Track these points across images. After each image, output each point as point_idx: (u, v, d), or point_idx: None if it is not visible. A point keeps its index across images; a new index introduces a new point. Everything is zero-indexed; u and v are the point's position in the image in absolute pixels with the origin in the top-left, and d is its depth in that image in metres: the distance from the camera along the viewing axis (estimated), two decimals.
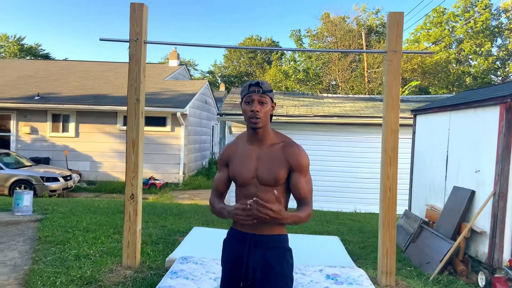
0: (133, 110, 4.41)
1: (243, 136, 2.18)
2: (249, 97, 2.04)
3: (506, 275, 4.10)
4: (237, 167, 2.10)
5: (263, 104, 2.04)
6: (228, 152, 2.18)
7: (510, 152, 4.39)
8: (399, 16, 4.21)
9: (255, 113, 2.00)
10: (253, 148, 2.10)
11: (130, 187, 4.41)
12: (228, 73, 46.53)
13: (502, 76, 32.85)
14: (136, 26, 4.33)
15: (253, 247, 2.04)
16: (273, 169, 2.03)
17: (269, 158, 2.06)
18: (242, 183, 2.08)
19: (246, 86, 2.08)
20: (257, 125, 2.02)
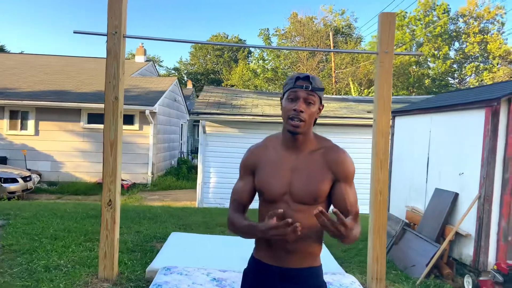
0: (111, 109, 4.09)
1: (274, 139, 1.79)
2: (294, 92, 1.64)
3: (493, 278, 4.11)
4: (266, 178, 1.69)
5: (310, 105, 1.64)
6: (255, 157, 1.77)
7: (496, 155, 4.42)
8: (390, 17, 4.13)
9: (299, 113, 1.61)
10: (288, 155, 1.70)
11: (108, 192, 4.08)
12: (194, 70, 45.89)
13: (458, 79, 34.23)
14: (115, 19, 4.01)
15: (282, 284, 1.69)
16: (312, 184, 1.65)
17: (308, 169, 1.67)
18: (270, 198, 1.68)
19: (293, 79, 1.66)
20: (298, 129, 1.63)
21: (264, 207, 1.71)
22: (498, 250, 4.41)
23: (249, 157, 1.80)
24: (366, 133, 9.41)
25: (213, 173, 9.86)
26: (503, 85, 5.20)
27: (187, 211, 7.93)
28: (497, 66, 30.69)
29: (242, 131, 9.83)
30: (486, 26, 32.51)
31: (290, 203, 1.65)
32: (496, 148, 4.41)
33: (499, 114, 4.38)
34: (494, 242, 4.43)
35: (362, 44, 29.20)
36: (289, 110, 1.64)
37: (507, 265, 4.00)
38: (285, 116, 1.67)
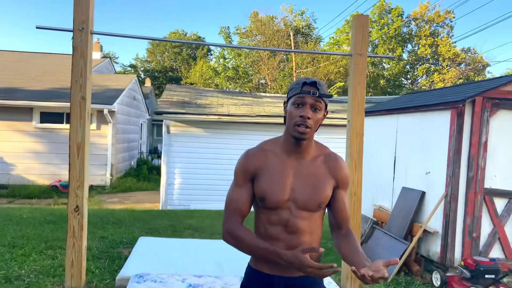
0: (78, 110, 3.86)
1: (273, 144, 1.72)
2: (301, 98, 1.60)
3: (460, 274, 4.27)
4: (268, 184, 1.63)
5: (316, 111, 1.61)
6: (256, 162, 1.68)
7: (461, 155, 4.59)
8: (364, 20, 4.18)
9: (305, 120, 1.58)
10: (289, 161, 1.66)
11: (75, 198, 3.85)
12: (151, 68, 44.84)
13: (411, 79, 35.71)
14: (82, 14, 3.78)
15: None
16: (316, 190, 1.63)
17: (311, 175, 1.65)
18: (272, 205, 1.63)
19: (299, 84, 1.62)
20: (304, 135, 1.60)
21: (265, 214, 1.66)
22: (463, 246, 4.59)
23: (248, 161, 1.70)
24: (332, 133, 9.56)
25: (178, 174, 9.65)
26: (467, 87, 5.42)
27: (152, 214, 7.70)
28: (446, 68, 32.29)
29: (208, 131, 9.68)
30: (437, 30, 34.13)
31: (292, 209, 1.63)
32: (461, 148, 4.59)
33: (464, 115, 4.56)
34: (460, 238, 4.61)
35: (321, 44, 29.75)
36: (296, 116, 1.60)
37: (473, 261, 4.16)
38: (290, 121, 1.62)
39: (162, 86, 42.88)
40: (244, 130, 9.69)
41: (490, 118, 4.58)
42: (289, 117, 1.64)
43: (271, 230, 1.64)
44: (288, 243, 1.61)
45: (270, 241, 1.61)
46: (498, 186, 4.64)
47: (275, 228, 1.63)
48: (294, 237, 1.63)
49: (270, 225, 1.64)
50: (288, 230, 1.62)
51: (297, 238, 1.63)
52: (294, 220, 1.62)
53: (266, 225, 1.65)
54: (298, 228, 1.62)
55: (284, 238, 1.62)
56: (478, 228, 4.60)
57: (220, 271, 4.30)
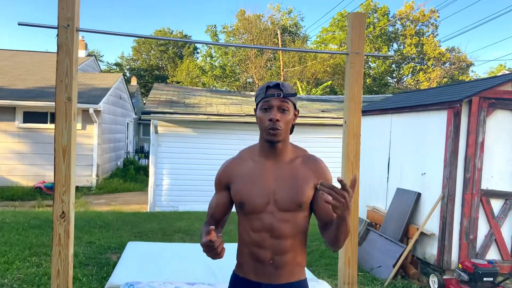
0: (63, 111, 3.64)
1: (250, 151, 1.76)
2: (267, 102, 1.62)
3: (458, 277, 4.21)
4: (246, 190, 1.64)
5: (285, 112, 1.62)
6: (230, 171, 1.72)
7: (457, 156, 4.53)
8: (360, 17, 4.05)
9: (275, 123, 1.60)
10: (267, 165, 1.67)
11: (60, 203, 3.63)
12: (137, 66, 44.29)
13: (397, 78, 35.98)
14: (67, 10, 3.56)
15: None
16: (296, 191, 1.62)
17: (290, 177, 1.64)
18: (253, 210, 1.62)
19: (263, 89, 1.65)
20: (276, 137, 1.61)
21: (247, 220, 1.66)
22: (460, 248, 4.53)
23: (222, 172, 1.76)
24: (322, 132, 9.50)
25: (166, 174, 9.45)
26: (461, 87, 5.37)
27: (140, 216, 7.50)
28: (431, 67, 32.61)
29: (197, 131, 9.50)
30: (422, 29, 34.45)
31: (275, 212, 1.62)
32: (458, 149, 4.52)
33: (461, 115, 4.49)
34: (457, 241, 4.55)
35: (308, 43, 29.72)
36: (265, 120, 1.62)
37: (472, 264, 4.10)
38: (261, 126, 1.65)
39: (148, 84, 42.40)
40: (233, 130, 9.53)
41: (486, 118, 4.53)
42: (259, 122, 1.66)
43: (256, 237, 1.62)
44: (274, 249, 1.61)
45: (255, 248, 1.62)
46: (495, 187, 4.59)
47: (260, 234, 1.62)
48: (279, 242, 1.61)
49: (254, 232, 1.63)
50: (273, 235, 1.61)
51: (281, 242, 1.61)
52: (278, 224, 1.60)
53: (250, 233, 1.64)
54: (283, 232, 1.60)
55: (270, 244, 1.61)
56: (475, 229, 4.55)
57: (213, 277, 4.16)
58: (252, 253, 1.64)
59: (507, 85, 4.57)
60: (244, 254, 1.68)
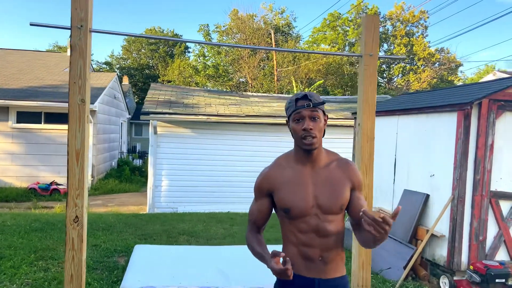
0: (76, 114, 3.57)
1: (286, 158, 1.86)
2: (298, 114, 1.74)
3: (470, 278, 4.23)
4: (290, 196, 1.75)
5: (316, 120, 1.74)
6: (269, 179, 1.82)
7: (467, 157, 4.56)
8: (375, 20, 4.05)
9: (309, 132, 1.71)
10: (305, 171, 1.79)
11: (74, 207, 3.56)
12: (127, 65, 43.90)
13: (387, 78, 36.27)
14: (80, 11, 3.49)
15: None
16: (337, 194, 1.76)
17: (329, 181, 1.77)
18: (299, 214, 1.75)
19: (293, 101, 1.78)
20: (313, 146, 1.73)
21: (293, 224, 1.77)
22: (470, 250, 4.56)
23: (263, 179, 1.84)
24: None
25: (165, 175, 9.36)
26: (469, 88, 5.40)
27: (142, 218, 7.41)
28: (421, 68, 32.92)
29: (196, 131, 9.43)
30: (412, 29, 34.76)
31: (319, 215, 1.74)
32: (468, 151, 4.55)
33: (471, 117, 4.52)
34: (467, 242, 4.58)
35: (301, 43, 29.76)
36: (299, 130, 1.74)
37: (483, 265, 4.13)
38: (296, 136, 1.76)
39: (139, 84, 42.07)
40: (233, 131, 9.49)
41: (496, 120, 4.57)
42: (294, 132, 1.77)
43: (303, 237, 1.75)
44: (322, 247, 1.75)
45: (304, 248, 1.76)
46: (504, 188, 4.63)
47: (307, 235, 1.75)
48: (325, 240, 1.75)
49: (301, 233, 1.75)
50: (320, 234, 1.74)
51: (328, 241, 1.75)
52: (323, 225, 1.74)
53: (297, 234, 1.76)
54: (328, 231, 1.74)
55: (318, 243, 1.75)
56: (484, 231, 4.58)
57: (226, 280, 4.12)
58: (302, 252, 1.76)
59: None
60: (293, 254, 1.78)
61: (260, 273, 4.23)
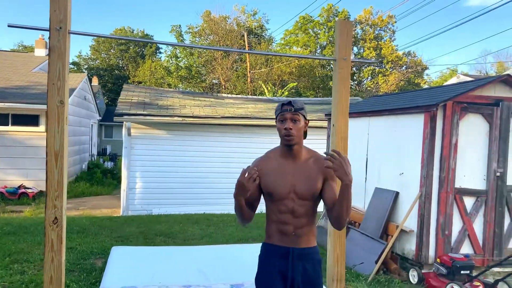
0: (55, 115, 3.57)
1: (274, 152, 2.26)
2: (282, 115, 2.15)
3: (437, 270, 4.48)
4: (273, 183, 2.16)
5: (296, 122, 2.13)
6: (260, 167, 2.20)
7: (434, 156, 4.82)
8: (348, 25, 4.24)
9: (289, 131, 2.11)
10: (287, 164, 2.18)
11: (53, 209, 3.56)
12: (96, 66, 42.98)
13: (357, 81, 37.07)
14: (59, 13, 3.50)
15: (296, 260, 2.14)
16: (310, 184, 2.13)
17: (305, 173, 2.14)
18: (278, 198, 2.15)
19: (279, 105, 2.19)
20: (291, 141, 2.12)
21: (275, 205, 2.17)
22: (437, 244, 4.82)
23: (255, 167, 2.20)
24: None
25: (140, 177, 9.30)
26: (435, 91, 5.68)
27: (117, 221, 7.36)
28: (389, 70, 33.88)
29: (171, 133, 9.42)
30: (380, 33, 35.70)
31: (295, 200, 2.13)
32: (434, 150, 4.81)
33: (437, 118, 4.78)
34: (434, 236, 4.84)
35: (273, 45, 30.03)
36: (282, 129, 2.14)
37: (449, 258, 4.38)
38: (280, 134, 2.16)
39: (108, 85, 41.27)
40: (208, 132, 9.54)
41: (459, 121, 4.85)
42: (278, 131, 2.17)
43: (282, 217, 2.15)
44: (295, 225, 2.14)
45: (281, 225, 2.16)
46: (467, 185, 4.92)
47: (285, 215, 2.14)
48: (298, 220, 2.14)
49: (280, 213, 2.15)
50: (294, 215, 2.14)
51: (300, 220, 2.14)
52: (297, 207, 2.13)
53: (277, 214, 2.16)
54: (301, 213, 2.13)
55: (292, 221, 2.14)
56: (450, 226, 4.86)
57: (206, 279, 4.20)
58: (280, 228, 2.17)
59: (477, 90, 4.91)
60: (273, 229, 2.20)
61: (239, 271, 4.34)
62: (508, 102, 4.95)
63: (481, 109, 4.93)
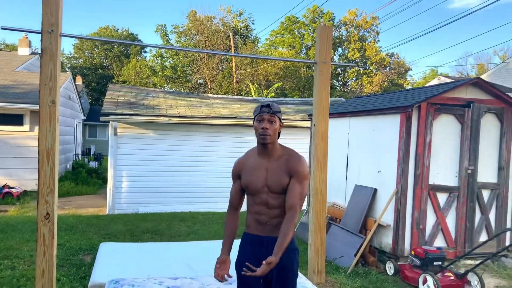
0: (47, 115, 3.73)
1: (253, 151, 2.48)
2: (260, 116, 2.35)
3: (411, 262, 4.74)
4: (248, 177, 2.39)
5: (272, 123, 2.35)
6: (239, 165, 2.47)
7: (409, 154, 5.09)
8: (328, 30, 4.48)
9: (265, 130, 2.32)
10: (263, 161, 2.40)
11: (45, 205, 3.72)
12: (79, 65, 42.51)
13: (342, 81, 37.53)
14: (51, 16, 3.66)
15: (270, 248, 2.26)
16: (280, 179, 2.34)
17: (277, 169, 2.36)
18: (254, 191, 2.38)
19: (258, 107, 2.40)
20: (266, 140, 2.33)
21: (251, 197, 2.41)
22: (412, 237, 5.09)
23: (235, 166, 2.50)
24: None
25: (126, 177, 9.40)
26: (412, 93, 5.96)
27: (104, 219, 7.46)
28: (374, 72, 34.42)
29: (157, 133, 9.54)
30: (364, 35, 36.22)
31: (268, 193, 2.36)
32: (410, 148, 5.08)
33: (412, 118, 5.05)
34: (409, 230, 5.10)
35: (259, 45, 30.24)
36: (259, 128, 2.34)
37: (423, 250, 4.65)
38: (256, 133, 2.36)
39: (92, 84, 40.89)
40: (194, 132, 9.69)
41: (433, 121, 5.13)
42: (255, 130, 2.38)
43: (257, 208, 2.38)
44: (269, 215, 2.36)
45: (257, 215, 2.38)
46: (440, 182, 5.20)
47: (260, 206, 2.37)
48: (272, 211, 2.36)
49: (255, 205, 2.39)
50: (268, 206, 2.36)
51: (274, 211, 2.36)
52: (270, 200, 2.35)
53: (254, 205, 2.39)
54: (274, 205, 2.35)
55: (266, 212, 2.37)
56: (424, 220, 5.13)
57: (192, 272, 4.37)
58: (256, 218, 2.40)
59: (450, 92, 5.20)
60: (251, 220, 2.43)
61: None
62: (478, 104, 5.25)
63: (453, 110, 5.21)
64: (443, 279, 4.41)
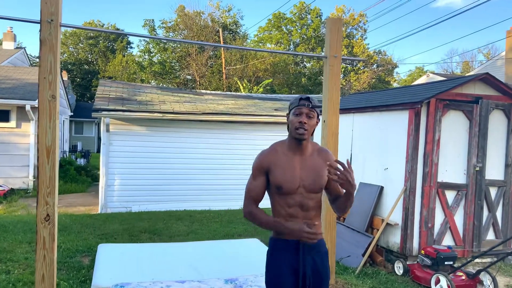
0: (47, 110, 3.50)
1: (281, 145, 2.26)
2: (299, 109, 2.15)
3: (421, 262, 4.64)
4: (282, 176, 2.16)
5: (311, 118, 2.16)
6: (267, 160, 2.21)
7: (418, 152, 4.98)
8: (338, 23, 4.32)
9: (303, 124, 2.12)
10: (295, 157, 2.20)
11: (45, 206, 3.49)
12: (64, 60, 41.64)
13: None
14: (50, 5, 3.42)
15: (306, 254, 2.15)
16: (318, 177, 2.18)
17: (312, 167, 2.19)
18: (288, 191, 2.16)
19: (297, 99, 2.19)
20: (303, 136, 2.13)
21: (282, 199, 2.17)
22: (420, 236, 4.99)
23: (262, 160, 2.23)
24: (275, 130, 9.75)
25: (118, 174, 9.13)
26: (417, 89, 5.86)
27: (98, 218, 7.21)
28: (362, 69, 34.53)
29: (150, 129, 9.28)
30: (352, 32, 36.31)
31: (304, 193, 2.16)
32: (418, 145, 4.97)
33: (420, 115, 4.94)
34: (417, 229, 5.01)
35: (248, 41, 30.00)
36: (296, 122, 2.14)
37: (434, 249, 4.55)
38: (292, 127, 2.17)
39: (77, 79, 40.12)
40: (188, 128, 9.46)
41: (442, 118, 5.03)
42: (291, 123, 2.18)
43: (290, 210, 2.16)
44: (304, 218, 2.16)
45: (290, 218, 2.15)
46: (449, 179, 5.12)
47: (293, 208, 2.16)
48: (307, 213, 2.17)
49: (288, 207, 2.16)
50: (303, 208, 2.16)
51: (309, 213, 2.18)
52: (306, 201, 2.16)
53: (286, 207, 2.17)
54: (310, 206, 2.17)
55: (301, 215, 2.16)
56: (433, 219, 5.04)
57: (198, 274, 4.20)
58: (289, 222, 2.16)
59: (459, 88, 5.11)
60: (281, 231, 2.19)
61: (232, 266, 4.36)
62: (487, 100, 5.18)
63: (462, 106, 5.13)
64: (455, 279, 4.31)
